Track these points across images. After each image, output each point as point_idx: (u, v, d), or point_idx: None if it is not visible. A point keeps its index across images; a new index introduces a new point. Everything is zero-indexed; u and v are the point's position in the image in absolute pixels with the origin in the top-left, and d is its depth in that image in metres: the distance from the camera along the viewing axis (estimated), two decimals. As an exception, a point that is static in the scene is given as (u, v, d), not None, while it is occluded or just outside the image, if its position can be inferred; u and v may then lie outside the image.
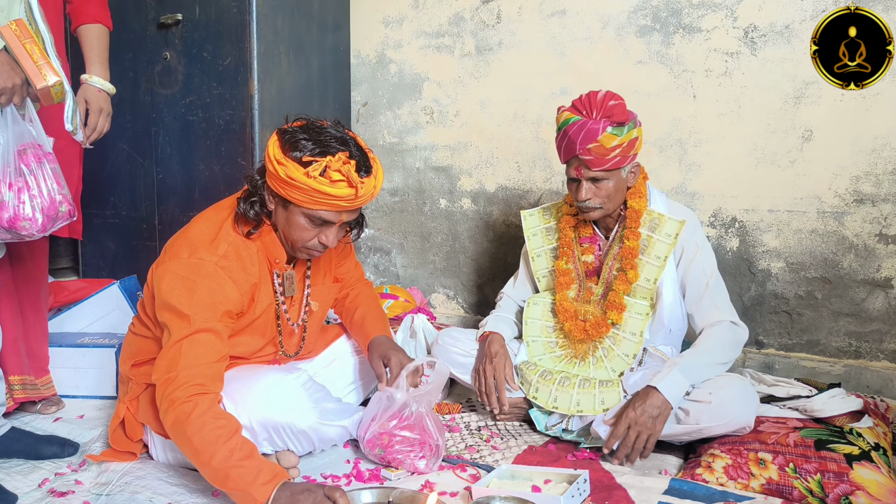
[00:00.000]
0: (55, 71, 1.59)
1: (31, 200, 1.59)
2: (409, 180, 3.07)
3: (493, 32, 2.81)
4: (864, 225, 2.25)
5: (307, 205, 1.55)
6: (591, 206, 1.90)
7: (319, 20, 2.87)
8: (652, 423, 1.69)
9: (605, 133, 1.80)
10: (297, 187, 1.52)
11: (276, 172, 1.53)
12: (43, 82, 1.57)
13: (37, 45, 1.58)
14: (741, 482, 1.61)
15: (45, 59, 1.57)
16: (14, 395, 1.95)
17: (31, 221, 1.59)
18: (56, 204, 1.64)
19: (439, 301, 3.08)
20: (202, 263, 1.56)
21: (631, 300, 1.93)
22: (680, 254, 1.94)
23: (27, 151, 1.61)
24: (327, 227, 1.61)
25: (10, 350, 1.93)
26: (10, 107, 1.58)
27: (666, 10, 2.48)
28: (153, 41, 2.76)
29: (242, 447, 1.41)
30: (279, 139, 1.56)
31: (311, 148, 1.52)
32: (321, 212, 1.56)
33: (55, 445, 1.79)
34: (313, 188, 1.51)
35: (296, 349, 1.85)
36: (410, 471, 1.69)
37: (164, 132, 2.78)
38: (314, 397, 1.67)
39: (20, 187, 1.58)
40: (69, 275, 3.21)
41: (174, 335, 1.51)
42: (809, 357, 2.36)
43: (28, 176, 1.60)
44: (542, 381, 1.92)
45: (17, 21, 1.57)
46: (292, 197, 1.55)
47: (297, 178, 1.50)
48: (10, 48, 1.54)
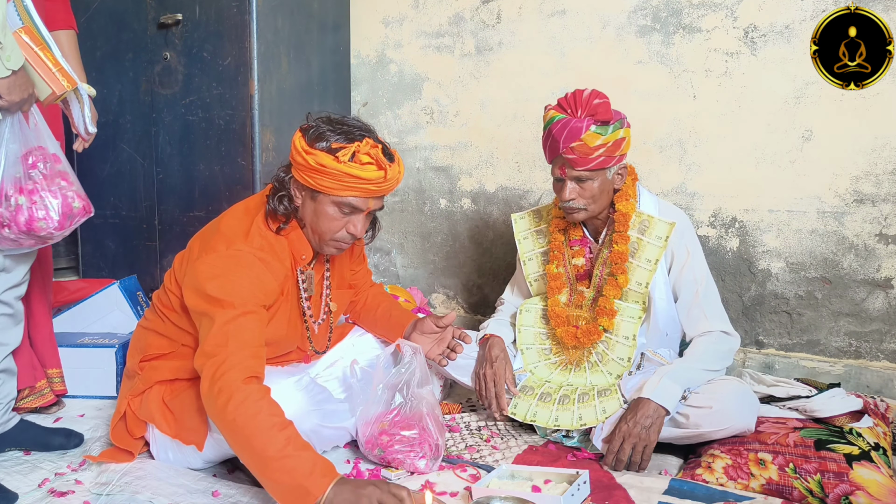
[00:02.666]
0: (68, 76, 1.63)
1: (43, 200, 1.63)
2: (410, 180, 3.07)
3: (493, 32, 2.81)
4: (864, 225, 2.25)
5: (337, 191, 1.57)
6: (575, 206, 1.88)
7: (319, 20, 2.87)
8: (646, 434, 1.68)
9: (588, 132, 1.79)
10: (327, 174, 1.55)
11: (305, 163, 1.56)
12: (63, 89, 1.61)
13: (47, 51, 1.60)
14: (741, 482, 1.61)
15: (57, 65, 1.61)
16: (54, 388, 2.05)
17: (47, 220, 1.62)
18: (68, 200, 1.67)
19: (439, 301, 3.08)
20: (241, 254, 1.57)
21: (623, 304, 1.92)
22: (671, 259, 1.92)
23: (34, 154, 1.64)
24: (355, 216, 1.63)
25: (47, 344, 2.03)
26: (18, 115, 1.60)
27: (666, 10, 2.48)
28: (153, 41, 2.76)
29: (298, 438, 1.36)
30: (303, 134, 1.60)
31: (338, 136, 1.56)
32: (350, 198, 1.59)
33: (61, 436, 1.84)
34: (344, 172, 1.54)
35: (324, 346, 1.89)
36: (410, 471, 1.69)
37: (164, 132, 2.78)
38: (316, 399, 1.68)
39: (31, 190, 1.61)
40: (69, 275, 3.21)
41: (218, 320, 1.48)
42: (809, 357, 2.36)
43: (37, 178, 1.63)
44: (540, 405, 1.89)
45: (25, 28, 1.58)
46: (322, 185, 1.57)
47: (328, 165, 1.54)
48: (25, 55, 1.55)
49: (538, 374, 2.01)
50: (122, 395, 1.76)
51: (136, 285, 2.65)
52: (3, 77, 1.47)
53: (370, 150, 1.56)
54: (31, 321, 1.98)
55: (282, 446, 1.33)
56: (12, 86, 1.49)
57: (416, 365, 1.74)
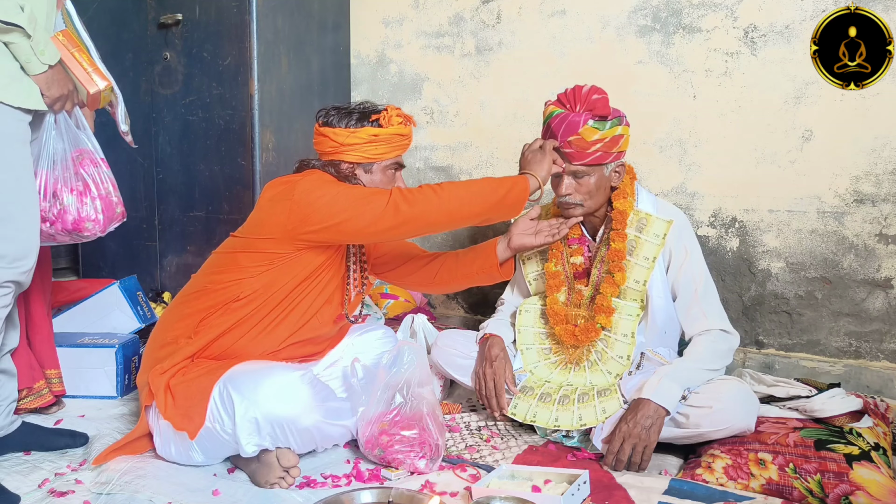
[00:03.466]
0: (103, 76, 1.70)
1: (93, 202, 1.70)
2: (410, 180, 3.07)
3: (493, 32, 2.81)
4: (864, 225, 2.25)
5: (390, 154, 1.80)
6: (572, 201, 1.89)
7: (319, 20, 2.87)
8: (646, 434, 1.68)
9: (585, 126, 1.80)
10: (380, 141, 1.77)
11: (353, 143, 1.76)
12: (95, 87, 1.67)
13: (84, 52, 1.67)
14: (741, 482, 1.61)
15: (93, 65, 1.68)
16: (53, 389, 2.05)
17: (95, 222, 1.70)
18: (113, 205, 1.76)
19: (439, 301, 3.08)
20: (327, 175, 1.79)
21: (621, 302, 1.92)
22: (669, 257, 1.91)
23: (83, 156, 1.70)
24: (399, 173, 1.87)
25: (46, 345, 2.02)
26: (62, 114, 1.66)
27: (666, 10, 2.48)
28: (153, 41, 2.76)
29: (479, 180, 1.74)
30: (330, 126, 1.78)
31: (366, 112, 1.78)
32: (399, 157, 1.84)
33: (66, 437, 1.85)
34: (393, 133, 1.77)
35: (355, 313, 1.96)
36: (410, 471, 1.69)
37: (164, 132, 2.78)
38: (319, 396, 1.69)
39: (80, 191, 1.68)
40: (69, 275, 3.21)
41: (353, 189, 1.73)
42: (809, 357, 2.36)
43: (87, 179, 1.70)
44: (540, 405, 1.89)
45: (63, 31, 1.65)
46: (377, 154, 1.78)
47: (379, 133, 1.76)
48: (61, 57, 1.62)
49: (538, 374, 2.01)
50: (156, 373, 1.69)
51: (136, 285, 2.65)
52: (41, 72, 1.54)
53: (397, 111, 1.79)
54: (30, 322, 1.99)
55: (472, 182, 1.76)
56: (50, 80, 1.57)
57: (417, 365, 1.74)
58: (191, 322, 1.75)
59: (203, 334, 1.73)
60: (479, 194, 1.73)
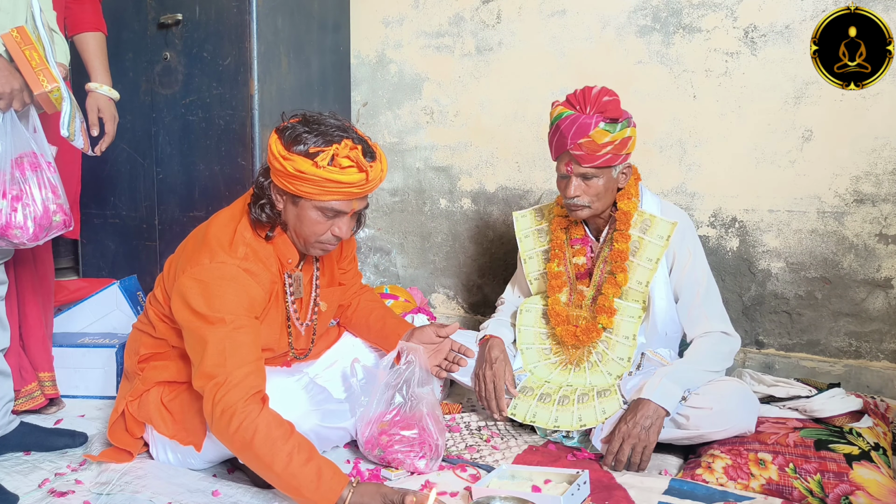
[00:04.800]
0: (52, 77, 1.59)
1: (24, 209, 1.59)
2: (409, 180, 3.07)
3: (493, 32, 2.81)
4: (864, 225, 2.25)
5: (319, 196, 1.53)
6: (580, 203, 1.88)
7: (319, 20, 2.87)
8: (646, 434, 1.68)
9: (597, 128, 1.79)
10: (307, 180, 1.51)
11: (283, 169, 1.52)
12: (41, 88, 1.57)
13: (36, 51, 1.58)
14: (741, 482, 1.61)
15: (43, 65, 1.58)
16: (45, 392, 2.02)
17: (23, 230, 1.58)
18: (49, 213, 1.63)
19: (439, 301, 3.08)
20: (225, 267, 1.54)
21: (623, 303, 1.92)
22: (672, 259, 1.91)
23: (23, 160, 1.60)
24: (339, 219, 1.59)
25: (40, 347, 1.99)
26: (10, 114, 1.58)
27: (666, 10, 2.48)
28: (153, 41, 2.76)
29: (301, 449, 1.39)
30: (279, 137, 1.54)
31: (315, 139, 1.51)
32: (333, 202, 1.55)
33: (66, 437, 1.85)
34: (324, 178, 1.50)
35: (305, 350, 1.84)
36: (410, 471, 1.69)
37: (164, 132, 2.78)
38: (316, 399, 1.68)
39: (14, 195, 1.58)
40: (69, 275, 3.21)
41: (212, 339, 1.47)
42: (809, 357, 2.36)
43: (23, 184, 1.59)
44: (540, 406, 1.89)
45: (19, 28, 1.58)
46: (302, 191, 1.53)
47: (307, 171, 1.49)
48: (11, 55, 1.55)
49: (538, 374, 2.01)
50: (121, 396, 1.76)
51: (136, 285, 2.65)
52: None
53: (350, 153, 1.50)
54: (24, 324, 1.97)
55: (285, 463, 1.37)
56: None
57: (417, 365, 1.74)
58: (137, 360, 1.73)
59: (149, 376, 1.70)
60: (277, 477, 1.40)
